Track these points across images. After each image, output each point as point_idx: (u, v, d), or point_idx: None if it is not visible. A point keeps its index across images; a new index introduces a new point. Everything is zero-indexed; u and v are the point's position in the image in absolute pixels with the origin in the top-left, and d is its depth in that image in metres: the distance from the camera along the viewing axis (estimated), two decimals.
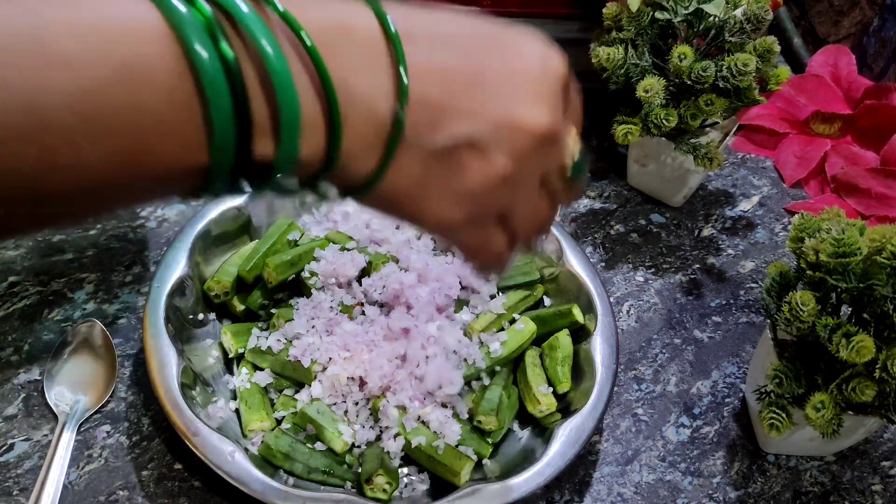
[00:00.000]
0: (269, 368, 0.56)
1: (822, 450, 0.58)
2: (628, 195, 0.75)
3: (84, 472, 0.53)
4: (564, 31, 0.76)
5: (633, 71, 0.64)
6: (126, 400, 0.56)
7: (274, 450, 0.51)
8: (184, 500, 0.52)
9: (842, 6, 0.89)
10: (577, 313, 0.59)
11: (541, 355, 0.59)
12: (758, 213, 0.75)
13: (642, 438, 0.59)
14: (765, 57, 0.62)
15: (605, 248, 0.71)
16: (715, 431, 0.60)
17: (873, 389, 0.46)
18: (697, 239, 0.73)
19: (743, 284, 0.69)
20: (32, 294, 0.61)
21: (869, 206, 0.73)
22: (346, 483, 0.52)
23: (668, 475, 0.57)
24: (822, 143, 0.77)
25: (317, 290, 0.58)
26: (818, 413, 0.48)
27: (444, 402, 0.55)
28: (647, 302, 0.67)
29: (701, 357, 0.64)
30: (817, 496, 0.57)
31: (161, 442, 0.55)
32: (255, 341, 0.56)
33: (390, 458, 0.52)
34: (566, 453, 0.51)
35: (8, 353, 0.58)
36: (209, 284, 0.59)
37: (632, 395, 0.61)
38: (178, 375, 0.52)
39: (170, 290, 0.56)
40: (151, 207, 0.68)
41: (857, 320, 0.49)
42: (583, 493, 0.55)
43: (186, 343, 0.56)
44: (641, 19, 0.64)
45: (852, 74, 0.81)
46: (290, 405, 0.54)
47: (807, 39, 0.91)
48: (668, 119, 0.63)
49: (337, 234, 0.63)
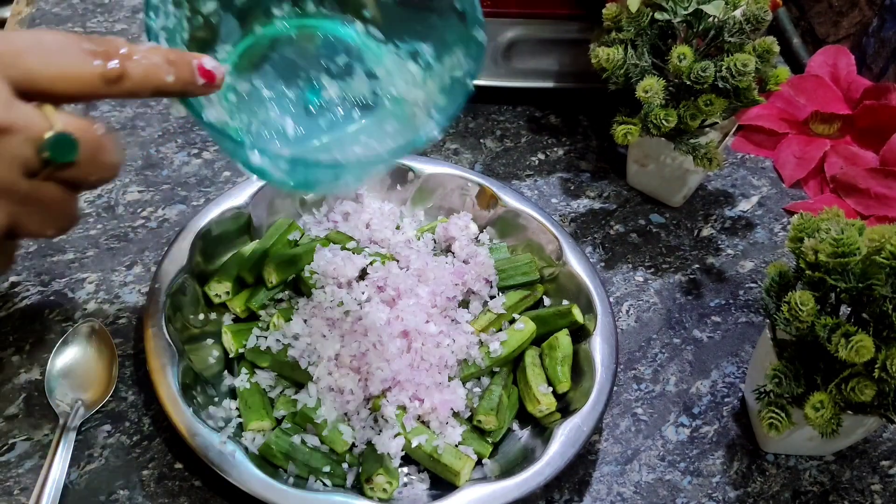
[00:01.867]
0: (269, 368, 0.56)
1: (822, 449, 0.58)
2: (628, 195, 0.75)
3: (84, 471, 0.53)
4: (564, 31, 0.76)
5: (633, 71, 0.64)
6: (126, 400, 0.56)
7: (274, 450, 0.51)
8: (184, 500, 0.52)
9: (841, 6, 0.89)
10: (577, 313, 0.59)
11: (540, 355, 0.59)
12: (757, 214, 0.76)
13: (642, 438, 0.59)
14: (764, 57, 0.62)
15: (605, 248, 0.71)
16: (714, 431, 0.60)
17: (872, 389, 0.46)
18: (697, 239, 0.73)
19: (742, 284, 0.69)
20: (33, 294, 0.61)
21: (868, 207, 0.73)
22: (346, 483, 0.52)
23: (667, 475, 0.57)
24: (821, 144, 0.77)
25: (317, 290, 0.58)
26: (817, 413, 0.48)
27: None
28: (647, 302, 0.67)
29: (700, 357, 0.64)
30: (816, 496, 0.57)
31: (161, 442, 0.55)
32: (255, 341, 0.56)
33: (390, 458, 0.52)
34: (566, 453, 0.51)
35: (9, 352, 0.58)
36: (210, 284, 0.59)
37: (631, 394, 0.61)
38: (178, 375, 0.52)
39: (170, 290, 0.56)
40: (152, 207, 0.68)
41: (857, 320, 0.49)
42: (582, 492, 0.56)
43: (186, 343, 0.56)
44: (641, 20, 0.64)
45: (852, 75, 0.81)
46: (290, 405, 0.54)
47: (806, 40, 0.91)
48: (668, 119, 0.63)
49: (337, 234, 0.63)
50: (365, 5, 0.50)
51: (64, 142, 0.34)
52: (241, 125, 0.47)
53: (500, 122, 0.81)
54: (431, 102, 0.49)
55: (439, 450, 0.52)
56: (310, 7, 0.50)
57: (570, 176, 0.76)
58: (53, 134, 0.34)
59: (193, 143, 0.74)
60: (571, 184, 0.76)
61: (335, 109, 0.50)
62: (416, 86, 0.50)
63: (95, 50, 0.35)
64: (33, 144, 0.33)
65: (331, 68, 0.50)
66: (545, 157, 0.78)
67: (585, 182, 0.76)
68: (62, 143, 0.34)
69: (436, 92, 0.49)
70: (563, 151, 0.78)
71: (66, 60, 0.34)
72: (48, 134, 0.34)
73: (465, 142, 0.78)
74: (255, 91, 0.48)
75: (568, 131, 0.80)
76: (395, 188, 0.67)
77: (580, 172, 0.77)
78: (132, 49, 0.36)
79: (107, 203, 0.68)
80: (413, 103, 0.50)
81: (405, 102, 0.50)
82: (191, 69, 0.38)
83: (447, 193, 0.67)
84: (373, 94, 0.50)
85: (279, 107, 0.49)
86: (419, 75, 0.50)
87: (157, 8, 0.42)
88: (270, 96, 0.49)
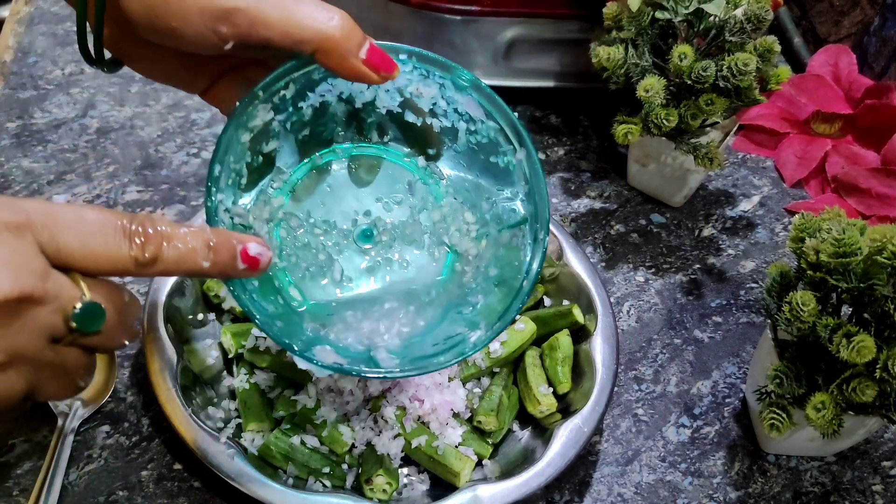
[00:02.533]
0: (268, 369, 0.56)
1: (823, 450, 0.58)
2: (628, 195, 0.75)
3: (84, 472, 0.53)
4: (564, 31, 0.76)
5: (634, 71, 0.64)
6: (125, 400, 0.56)
7: (273, 450, 0.51)
8: (183, 501, 0.52)
9: (842, 6, 0.89)
10: (578, 313, 0.59)
11: (541, 355, 0.59)
12: (758, 213, 0.75)
13: (642, 439, 0.59)
14: (765, 57, 0.62)
15: (606, 248, 0.71)
16: (715, 432, 0.60)
17: (874, 389, 0.46)
18: (698, 239, 0.73)
19: (743, 284, 0.69)
20: None
21: (869, 206, 0.73)
22: (346, 484, 0.52)
23: (668, 475, 0.57)
24: (822, 143, 0.77)
25: None
26: (819, 413, 0.47)
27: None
28: (648, 302, 0.67)
29: (701, 357, 0.64)
30: (818, 496, 0.57)
31: (160, 442, 0.55)
32: (254, 342, 0.56)
33: (390, 459, 0.52)
34: (566, 454, 0.51)
35: None
36: (209, 284, 0.59)
37: (632, 395, 0.61)
38: (177, 376, 0.52)
39: (169, 291, 0.56)
40: (151, 207, 0.68)
41: (858, 320, 0.49)
42: (583, 493, 0.55)
43: (186, 343, 0.56)
44: (641, 19, 0.64)
45: (853, 74, 0.81)
46: (289, 406, 0.54)
47: (807, 39, 0.91)
48: (669, 119, 0.63)
49: None
50: (431, 144, 0.48)
51: (92, 312, 0.34)
52: (288, 265, 0.46)
53: None
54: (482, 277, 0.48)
55: (439, 451, 0.52)
56: (374, 137, 0.49)
57: (571, 176, 0.76)
58: (83, 304, 0.34)
59: (192, 143, 0.74)
60: (572, 184, 0.76)
61: (385, 252, 0.49)
62: (470, 238, 0.49)
63: (134, 231, 0.35)
64: (63, 314, 0.33)
65: (388, 201, 0.49)
66: (545, 157, 0.78)
67: (586, 182, 0.76)
68: (91, 313, 0.34)
69: (489, 265, 0.48)
70: (563, 151, 0.78)
71: (102, 242, 0.34)
72: (78, 305, 0.33)
73: None
74: (308, 227, 0.47)
75: (568, 131, 0.80)
76: None
77: (581, 172, 0.77)
78: (173, 233, 0.35)
79: (106, 203, 0.68)
80: (464, 255, 0.48)
81: (456, 261, 0.49)
82: (233, 254, 0.37)
83: None
84: (422, 235, 0.49)
85: (328, 242, 0.48)
86: (474, 229, 0.49)
87: (218, 180, 0.41)
88: (322, 231, 0.47)
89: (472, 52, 0.77)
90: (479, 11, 0.74)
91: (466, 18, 0.75)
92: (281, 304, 0.45)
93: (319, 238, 0.48)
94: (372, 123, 0.48)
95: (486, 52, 0.77)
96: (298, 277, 0.47)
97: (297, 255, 0.47)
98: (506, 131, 0.46)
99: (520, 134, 0.46)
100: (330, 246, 0.48)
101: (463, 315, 0.47)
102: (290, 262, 0.47)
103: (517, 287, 0.46)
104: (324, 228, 0.48)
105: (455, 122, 0.47)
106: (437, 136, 0.48)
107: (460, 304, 0.48)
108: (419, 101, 0.46)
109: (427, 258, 0.49)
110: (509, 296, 0.46)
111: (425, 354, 0.45)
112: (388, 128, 0.48)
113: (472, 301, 0.48)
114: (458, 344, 0.45)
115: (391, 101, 0.46)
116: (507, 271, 0.47)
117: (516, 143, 0.46)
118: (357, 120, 0.48)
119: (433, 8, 0.74)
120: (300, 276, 0.47)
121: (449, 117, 0.47)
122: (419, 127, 0.47)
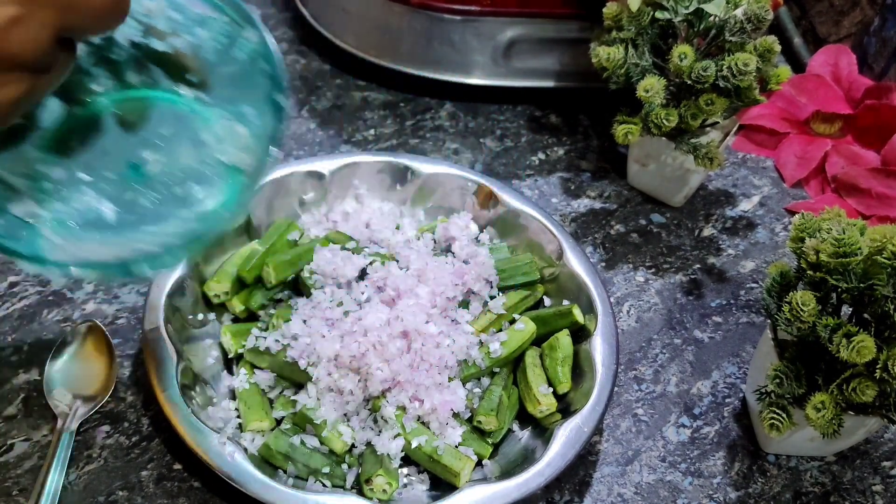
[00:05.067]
0: (268, 369, 0.56)
1: (823, 450, 0.58)
2: (628, 195, 0.75)
3: (83, 472, 0.53)
4: (564, 31, 0.76)
5: (634, 71, 0.64)
6: (125, 400, 0.56)
7: (273, 450, 0.51)
8: (183, 501, 0.52)
9: (842, 6, 0.89)
10: (577, 313, 0.59)
11: (541, 355, 0.59)
12: (758, 213, 0.75)
13: (642, 439, 0.59)
14: (765, 57, 0.62)
15: (606, 248, 0.71)
16: (715, 432, 0.60)
17: (874, 390, 0.46)
18: (698, 239, 0.73)
19: (743, 284, 0.69)
20: (32, 294, 0.61)
21: (869, 206, 0.73)
22: (346, 484, 0.52)
23: (668, 475, 0.57)
24: (822, 143, 0.77)
25: (316, 290, 0.58)
26: (819, 413, 0.47)
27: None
28: (648, 302, 0.67)
29: (701, 357, 0.64)
30: (818, 496, 0.57)
31: (160, 442, 0.55)
32: (255, 341, 0.56)
33: (390, 458, 0.52)
34: (566, 454, 0.51)
35: (8, 353, 0.58)
36: (209, 284, 0.59)
37: (632, 395, 0.61)
38: (177, 376, 0.52)
39: (169, 291, 0.56)
40: None
41: (858, 320, 0.49)
42: (583, 493, 0.55)
43: (186, 343, 0.56)
44: (642, 19, 0.64)
45: (853, 74, 0.81)
46: (289, 406, 0.54)
47: (807, 39, 0.91)
48: (669, 119, 0.63)
49: (337, 234, 0.63)
50: (189, 69, 0.47)
51: None
52: (53, 214, 0.44)
53: (501, 122, 0.80)
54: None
55: (439, 451, 0.52)
56: (132, 78, 0.47)
57: (571, 176, 0.76)
58: None
59: None
60: (572, 183, 0.76)
61: (161, 185, 0.47)
62: (247, 150, 0.47)
63: None
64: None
65: (156, 141, 0.47)
66: (545, 157, 0.78)
67: (586, 182, 0.76)
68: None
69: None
70: (563, 151, 0.78)
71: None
72: None
73: (465, 141, 0.78)
74: (72, 176, 0.45)
75: (568, 131, 0.80)
76: (394, 188, 0.67)
77: (580, 172, 0.77)
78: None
79: None
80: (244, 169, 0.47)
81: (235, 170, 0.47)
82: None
83: (447, 193, 0.67)
84: (203, 163, 0.47)
85: (98, 189, 0.45)
86: (248, 138, 0.47)
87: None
88: (89, 180, 0.45)
89: (471, 51, 0.77)
90: (478, 11, 0.75)
91: (466, 18, 0.75)
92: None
93: (86, 186, 0.46)
94: (126, 64, 0.46)
95: (486, 52, 0.77)
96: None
97: (63, 205, 0.45)
98: (236, 19, 0.45)
99: (243, 12, 0.45)
100: (99, 191, 0.46)
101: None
102: (53, 211, 0.44)
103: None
104: (90, 178, 0.46)
105: (192, 30, 0.46)
106: (192, 57, 0.47)
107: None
108: (156, 23, 0.45)
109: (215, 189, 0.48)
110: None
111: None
112: (144, 64, 0.47)
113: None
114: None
115: (131, 30, 0.45)
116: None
117: (245, 22, 0.45)
118: (107, 63, 0.46)
119: (433, 8, 0.74)
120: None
121: (189, 29, 0.45)
122: (172, 55, 0.46)
